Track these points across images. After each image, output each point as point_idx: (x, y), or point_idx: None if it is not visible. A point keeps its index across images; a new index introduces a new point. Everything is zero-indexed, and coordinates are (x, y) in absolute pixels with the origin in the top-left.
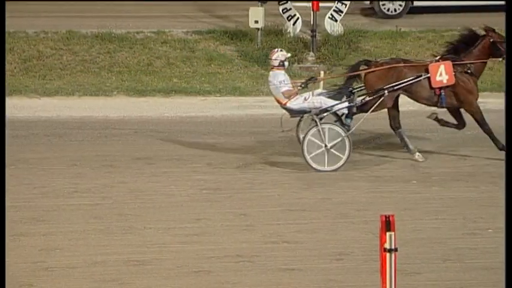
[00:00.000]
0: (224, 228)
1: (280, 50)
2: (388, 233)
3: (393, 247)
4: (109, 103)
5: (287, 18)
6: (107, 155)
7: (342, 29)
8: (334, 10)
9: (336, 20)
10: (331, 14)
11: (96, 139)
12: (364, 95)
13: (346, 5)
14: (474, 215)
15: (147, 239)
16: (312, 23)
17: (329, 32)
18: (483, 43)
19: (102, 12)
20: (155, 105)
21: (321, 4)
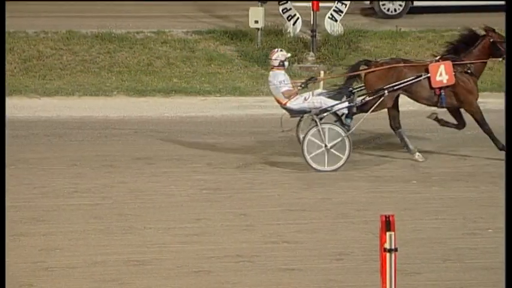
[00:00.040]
0: (224, 228)
1: (280, 50)
2: (388, 233)
3: (393, 247)
4: (109, 103)
5: (287, 18)
6: (107, 155)
7: (342, 29)
8: (334, 10)
9: (336, 20)
10: (331, 14)
11: (96, 139)
12: (364, 95)
13: (346, 5)
14: (474, 215)
15: (147, 239)
16: (312, 23)
17: (329, 32)
18: (483, 43)
19: (102, 12)
20: (155, 105)
21: (321, 4)
